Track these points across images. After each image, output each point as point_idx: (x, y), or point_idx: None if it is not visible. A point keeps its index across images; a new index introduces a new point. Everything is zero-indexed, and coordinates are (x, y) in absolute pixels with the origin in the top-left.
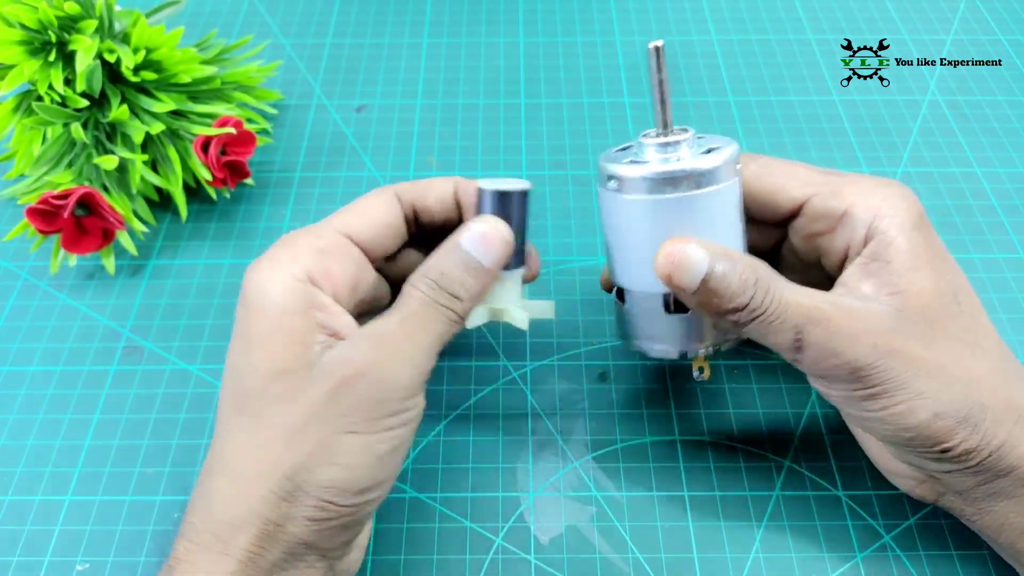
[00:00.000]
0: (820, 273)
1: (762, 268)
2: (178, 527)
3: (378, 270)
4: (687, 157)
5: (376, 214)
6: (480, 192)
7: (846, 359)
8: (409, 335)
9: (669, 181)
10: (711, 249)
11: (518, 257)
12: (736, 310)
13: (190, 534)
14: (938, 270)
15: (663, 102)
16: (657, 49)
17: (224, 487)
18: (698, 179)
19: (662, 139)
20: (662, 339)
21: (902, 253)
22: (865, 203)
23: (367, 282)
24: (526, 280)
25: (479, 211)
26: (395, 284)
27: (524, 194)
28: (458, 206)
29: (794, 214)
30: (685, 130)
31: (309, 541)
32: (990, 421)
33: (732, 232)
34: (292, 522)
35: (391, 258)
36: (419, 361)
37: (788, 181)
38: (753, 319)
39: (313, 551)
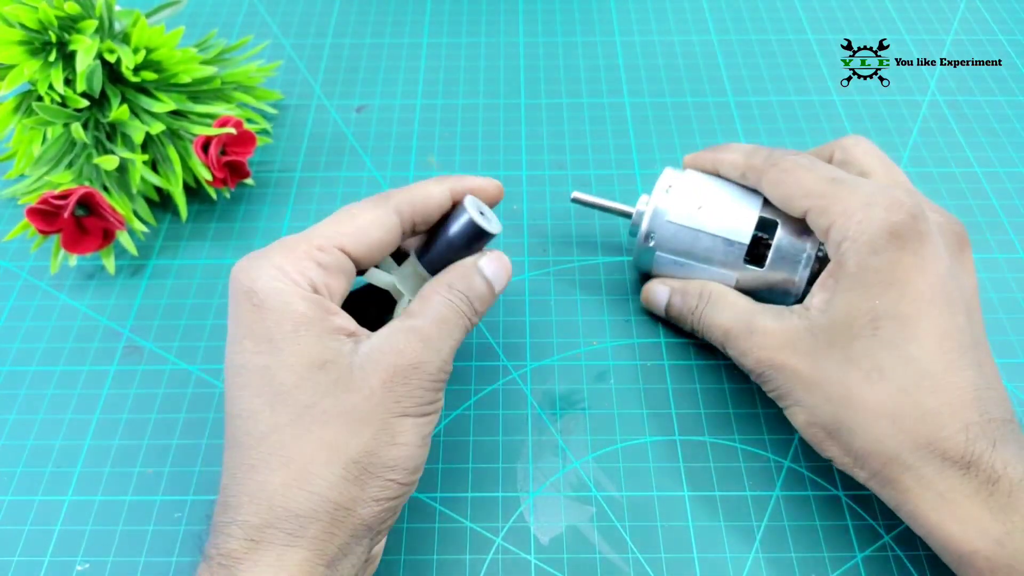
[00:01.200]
0: None
1: (697, 299)
2: (181, 526)
3: None
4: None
5: (375, 233)
6: (468, 218)
7: (746, 367)
8: (445, 337)
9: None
10: (671, 286)
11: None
12: (687, 323)
13: (248, 532)
14: (868, 294)
15: (617, 211)
16: (577, 199)
17: (285, 479)
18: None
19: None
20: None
21: (847, 275)
22: (843, 222)
23: (348, 291)
24: None
25: (450, 221)
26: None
27: (491, 236)
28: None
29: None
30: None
31: (370, 523)
32: (861, 439)
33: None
34: (361, 504)
35: None
36: (448, 358)
37: (794, 192)
38: (696, 331)
39: (369, 533)
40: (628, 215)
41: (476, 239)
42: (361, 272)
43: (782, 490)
